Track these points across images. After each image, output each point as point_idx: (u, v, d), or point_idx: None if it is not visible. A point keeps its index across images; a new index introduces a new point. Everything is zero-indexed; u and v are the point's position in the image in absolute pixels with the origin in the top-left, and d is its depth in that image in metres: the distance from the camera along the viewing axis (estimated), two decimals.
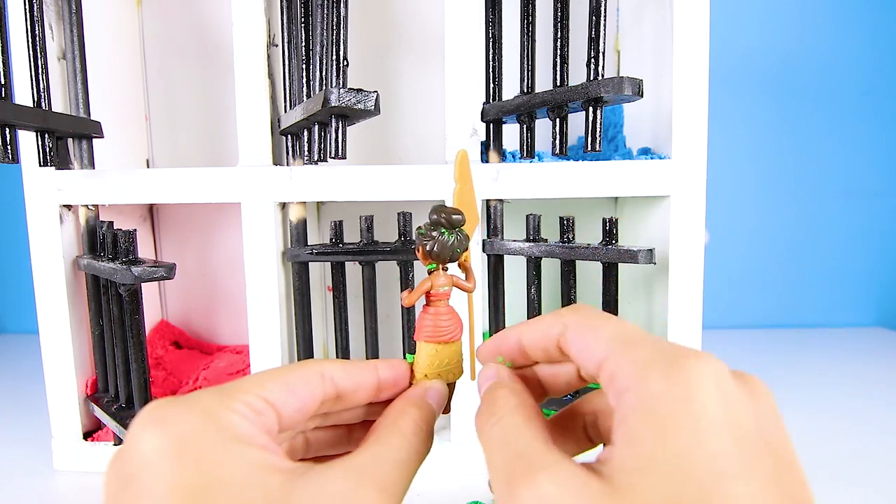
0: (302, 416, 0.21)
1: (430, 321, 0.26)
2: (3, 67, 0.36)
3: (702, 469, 0.15)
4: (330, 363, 0.22)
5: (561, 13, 0.40)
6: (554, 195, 0.44)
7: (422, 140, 0.60)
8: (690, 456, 0.15)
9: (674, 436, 0.15)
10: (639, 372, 0.17)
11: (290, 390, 0.20)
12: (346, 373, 0.22)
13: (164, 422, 0.17)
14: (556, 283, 0.45)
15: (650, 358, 0.17)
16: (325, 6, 0.38)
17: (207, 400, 0.18)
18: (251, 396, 0.19)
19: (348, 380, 0.22)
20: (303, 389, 0.21)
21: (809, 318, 0.93)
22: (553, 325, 0.21)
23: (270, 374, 0.20)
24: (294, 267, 0.47)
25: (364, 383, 0.23)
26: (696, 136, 0.43)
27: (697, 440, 0.15)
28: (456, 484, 0.45)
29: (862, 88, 0.88)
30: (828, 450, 0.50)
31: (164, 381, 0.56)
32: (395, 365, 0.24)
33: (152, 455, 0.16)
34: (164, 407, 0.18)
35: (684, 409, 0.16)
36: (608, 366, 0.18)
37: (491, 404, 0.21)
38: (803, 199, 0.91)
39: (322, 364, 0.22)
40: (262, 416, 0.19)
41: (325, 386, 0.21)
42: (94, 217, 0.48)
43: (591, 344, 0.19)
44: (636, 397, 0.17)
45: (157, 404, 0.18)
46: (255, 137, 0.45)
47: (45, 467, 0.49)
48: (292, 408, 0.20)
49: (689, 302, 0.44)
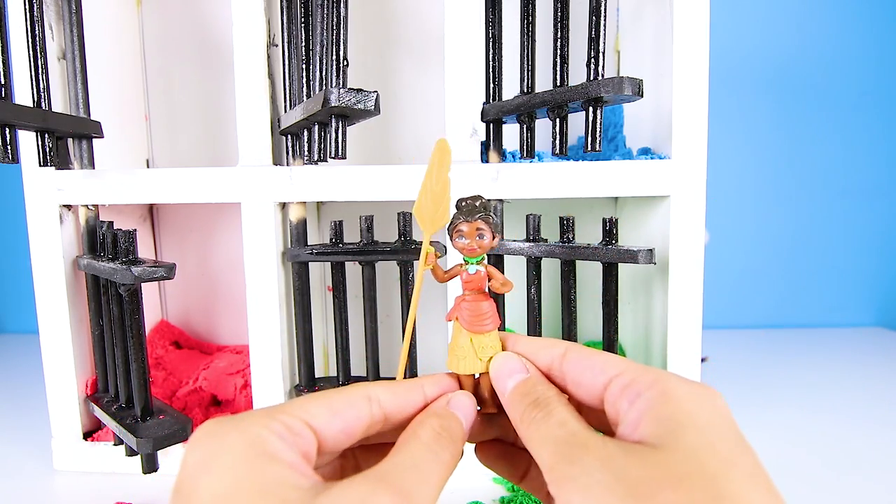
0: (347, 437, 0.21)
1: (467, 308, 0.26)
2: (3, 67, 0.36)
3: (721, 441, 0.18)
4: (376, 385, 0.23)
5: (561, 13, 0.40)
6: (554, 195, 0.44)
7: (422, 140, 0.60)
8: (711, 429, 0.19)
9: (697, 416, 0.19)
10: (661, 377, 0.20)
11: (333, 413, 0.21)
12: (392, 394, 0.23)
13: (209, 437, 0.19)
14: (556, 283, 0.45)
15: (668, 372, 0.21)
16: (325, 6, 0.38)
17: (251, 419, 0.20)
18: (291, 418, 0.20)
19: (395, 401, 0.23)
20: (348, 412, 0.21)
21: (809, 318, 0.93)
22: (555, 345, 0.24)
23: (316, 397, 0.22)
24: (294, 267, 0.47)
25: (411, 403, 0.24)
26: (696, 136, 0.43)
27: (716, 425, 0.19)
28: (456, 484, 0.45)
29: (862, 88, 0.88)
30: (828, 450, 0.50)
31: (164, 381, 0.56)
32: (441, 381, 0.25)
33: (192, 467, 0.18)
34: (213, 424, 0.19)
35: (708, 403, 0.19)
36: (622, 378, 0.21)
37: (545, 397, 0.22)
38: (803, 199, 0.91)
39: (368, 387, 0.23)
40: (299, 436, 0.20)
41: (371, 408, 0.22)
42: (94, 217, 0.48)
43: (599, 364, 0.22)
44: (662, 392, 0.20)
45: (209, 422, 0.20)
46: (255, 137, 0.45)
47: (45, 467, 0.49)
48: (335, 429, 0.21)
49: (689, 302, 0.44)
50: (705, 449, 0.18)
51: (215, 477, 0.18)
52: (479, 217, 0.25)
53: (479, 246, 0.26)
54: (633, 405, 0.20)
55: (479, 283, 0.26)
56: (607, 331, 0.44)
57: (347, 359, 0.47)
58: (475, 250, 0.26)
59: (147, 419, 0.43)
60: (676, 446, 0.18)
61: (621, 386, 0.21)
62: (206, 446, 0.19)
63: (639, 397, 0.20)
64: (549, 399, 0.22)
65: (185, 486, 0.18)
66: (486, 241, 0.26)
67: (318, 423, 0.20)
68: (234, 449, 0.18)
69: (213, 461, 0.18)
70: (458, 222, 0.26)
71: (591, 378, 0.22)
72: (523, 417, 0.22)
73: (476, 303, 0.26)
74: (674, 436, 0.18)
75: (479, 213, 0.25)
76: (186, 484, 0.18)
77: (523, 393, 0.23)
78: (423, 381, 0.25)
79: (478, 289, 0.26)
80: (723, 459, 0.18)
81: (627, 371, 0.21)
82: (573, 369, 0.23)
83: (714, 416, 0.19)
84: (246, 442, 0.19)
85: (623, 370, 0.21)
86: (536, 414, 0.22)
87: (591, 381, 0.22)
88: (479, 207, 0.26)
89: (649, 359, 0.50)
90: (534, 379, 0.24)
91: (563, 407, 0.22)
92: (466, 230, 0.25)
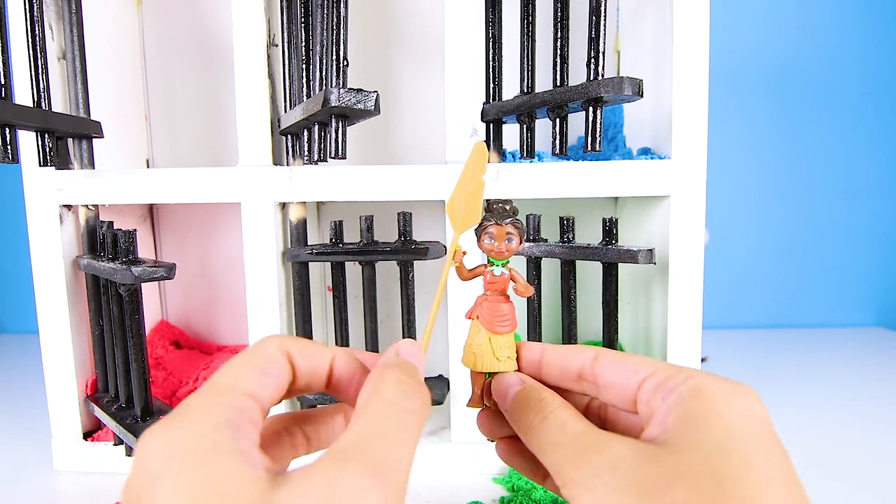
0: (279, 392, 0.21)
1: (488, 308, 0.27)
2: (3, 67, 0.36)
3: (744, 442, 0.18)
4: (284, 339, 0.22)
5: (561, 13, 0.40)
6: (554, 195, 0.44)
7: (422, 140, 0.60)
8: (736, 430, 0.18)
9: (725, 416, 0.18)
10: (694, 374, 0.20)
11: (262, 373, 0.20)
12: (301, 350, 0.22)
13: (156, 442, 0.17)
14: (556, 283, 0.45)
15: (702, 371, 0.21)
16: (325, 6, 0.38)
17: (195, 413, 0.18)
18: (231, 397, 0.19)
19: (304, 358, 0.22)
20: (274, 369, 0.21)
21: (809, 318, 0.93)
22: (585, 350, 0.24)
23: (242, 364, 0.20)
24: (294, 267, 0.47)
25: (319, 366, 0.23)
26: (696, 136, 0.43)
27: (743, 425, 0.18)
28: (456, 484, 0.45)
29: (862, 88, 0.88)
30: (828, 450, 0.50)
31: (164, 381, 0.56)
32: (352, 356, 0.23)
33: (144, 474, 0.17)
34: (158, 428, 0.18)
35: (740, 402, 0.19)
36: (657, 377, 0.21)
37: (539, 401, 0.23)
38: (803, 199, 0.91)
39: (279, 339, 0.22)
40: (245, 412, 0.19)
41: (293, 363, 0.22)
42: (94, 217, 0.48)
43: (631, 365, 0.22)
44: (693, 389, 0.20)
45: (155, 426, 0.18)
46: (255, 137, 0.45)
47: (45, 467, 0.49)
48: (271, 390, 0.20)
49: (689, 302, 0.44)
50: (724, 449, 0.18)
51: (170, 485, 0.16)
52: (509, 221, 0.26)
53: (507, 249, 0.26)
54: (665, 401, 0.20)
55: (503, 286, 0.27)
56: (607, 331, 0.44)
57: None
58: (503, 253, 0.26)
59: (147, 419, 0.43)
60: (696, 445, 0.18)
61: (655, 384, 0.21)
62: (156, 451, 0.17)
63: (672, 393, 0.20)
64: (545, 402, 0.22)
65: (140, 495, 0.16)
66: (515, 245, 0.26)
67: (256, 391, 0.19)
68: (184, 450, 0.17)
69: (165, 467, 0.16)
70: (488, 224, 0.26)
71: (624, 379, 0.22)
72: (523, 425, 0.22)
73: (497, 303, 0.26)
74: (697, 434, 0.18)
75: (510, 218, 0.26)
76: (142, 492, 0.16)
77: (520, 402, 0.23)
78: (334, 349, 0.23)
79: (501, 290, 0.27)
80: (741, 461, 0.17)
81: (661, 370, 0.21)
82: (605, 371, 0.23)
83: (744, 416, 0.19)
84: (195, 440, 0.17)
85: (657, 369, 0.21)
86: (534, 418, 0.22)
87: (624, 382, 0.22)
88: (510, 211, 0.26)
89: None
90: (529, 386, 0.24)
91: (561, 409, 0.22)
92: (496, 233, 0.26)
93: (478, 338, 0.26)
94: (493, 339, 0.26)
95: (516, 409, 0.23)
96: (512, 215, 0.26)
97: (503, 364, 0.26)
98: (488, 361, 0.26)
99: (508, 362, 0.26)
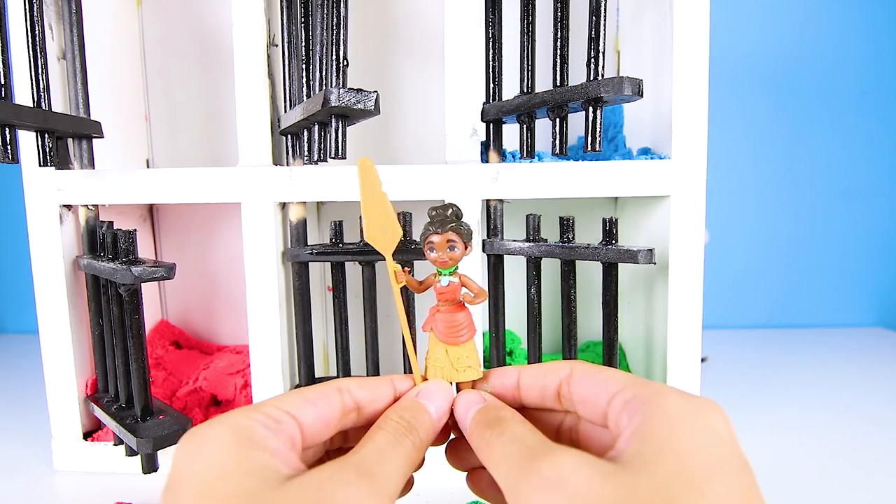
0: (324, 426, 0.23)
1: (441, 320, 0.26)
2: (3, 67, 0.36)
3: (700, 466, 0.18)
4: (346, 378, 0.24)
5: (561, 13, 0.40)
6: (554, 195, 0.44)
7: (422, 140, 0.60)
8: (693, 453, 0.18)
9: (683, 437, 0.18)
10: (659, 391, 0.20)
11: (307, 401, 0.22)
12: (361, 385, 0.24)
13: (197, 433, 0.20)
14: (556, 283, 0.45)
15: (668, 387, 0.21)
16: (325, 6, 0.38)
17: (235, 413, 0.21)
18: (271, 408, 0.21)
19: (364, 392, 0.24)
20: (321, 401, 0.23)
21: (809, 318, 0.93)
22: (559, 367, 0.24)
23: (290, 392, 0.23)
24: (294, 267, 0.47)
25: (380, 395, 0.25)
26: (696, 136, 0.43)
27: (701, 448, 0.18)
28: (456, 484, 0.45)
29: (862, 88, 0.88)
30: (828, 450, 0.50)
31: (164, 381, 0.56)
32: (411, 378, 0.26)
33: (180, 460, 0.19)
34: (201, 426, 0.21)
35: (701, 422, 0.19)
36: (625, 393, 0.21)
37: (497, 418, 0.23)
38: (803, 199, 0.91)
39: (339, 380, 0.24)
40: (281, 423, 0.21)
41: (343, 397, 0.23)
42: (94, 217, 0.48)
43: (602, 381, 0.22)
44: (656, 406, 0.19)
45: (198, 426, 0.21)
46: (255, 137, 0.45)
47: (45, 467, 0.49)
48: (312, 416, 0.22)
49: (689, 302, 0.44)
50: (679, 475, 0.17)
51: (200, 464, 0.19)
52: (450, 228, 0.25)
53: (451, 258, 0.25)
54: (630, 419, 0.20)
55: (453, 295, 0.26)
56: (607, 331, 0.44)
57: (347, 359, 0.47)
58: (447, 262, 0.25)
59: (147, 419, 0.43)
60: (651, 468, 0.17)
61: (623, 400, 0.21)
62: (194, 440, 0.20)
63: (637, 411, 0.20)
64: (503, 418, 0.22)
65: (173, 477, 0.19)
66: (458, 253, 0.25)
67: (295, 411, 0.22)
68: (218, 439, 0.19)
69: (198, 451, 0.19)
70: (428, 234, 0.25)
71: (595, 395, 0.22)
72: (479, 442, 0.22)
73: (451, 314, 0.26)
74: (654, 457, 0.18)
75: (451, 224, 0.25)
76: (175, 475, 0.19)
77: (478, 420, 0.23)
78: (393, 376, 0.26)
79: (452, 300, 0.26)
80: (695, 488, 0.17)
81: (630, 385, 0.21)
82: (579, 389, 0.23)
83: (703, 438, 0.18)
84: (230, 432, 0.20)
85: (626, 385, 0.21)
86: (490, 434, 0.22)
87: (595, 398, 0.22)
88: (451, 217, 0.25)
89: (649, 359, 0.50)
90: (489, 405, 0.24)
91: (517, 424, 0.22)
92: (437, 242, 0.25)
93: (435, 350, 0.26)
94: (450, 350, 0.25)
95: (474, 428, 0.23)
96: (454, 220, 0.25)
97: (463, 374, 0.25)
98: (447, 373, 0.25)
99: (469, 371, 0.25)
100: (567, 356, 0.44)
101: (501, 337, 0.47)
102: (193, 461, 0.19)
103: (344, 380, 0.24)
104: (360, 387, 0.24)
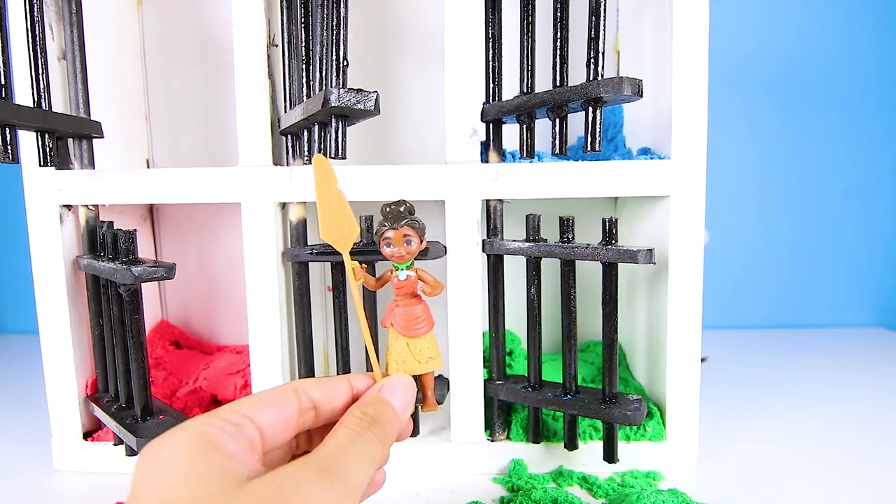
0: (284, 426, 0.23)
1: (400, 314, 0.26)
2: (3, 67, 0.36)
3: None
4: (303, 379, 0.25)
5: (561, 13, 0.40)
6: (554, 195, 0.44)
7: (422, 140, 0.60)
8: None
9: None
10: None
11: (265, 403, 0.23)
12: (318, 385, 0.25)
13: (156, 443, 0.21)
14: (556, 283, 0.45)
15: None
16: (325, 6, 0.38)
17: (193, 422, 0.21)
18: (228, 413, 0.22)
19: (320, 390, 0.25)
20: (278, 401, 0.23)
21: (809, 318, 0.93)
22: None
23: (248, 396, 0.24)
24: (294, 267, 0.47)
25: (338, 394, 0.25)
26: (696, 136, 0.43)
27: None
28: (456, 484, 0.45)
29: (863, 88, 0.88)
30: (828, 450, 0.50)
31: (164, 381, 0.56)
32: (370, 377, 0.26)
33: (140, 470, 0.20)
34: (161, 436, 0.21)
35: None
36: None
37: None
38: (804, 198, 0.91)
39: (295, 381, 0.25)
40: (240, 427, 0.21)
41: (299, 397, 0.24)
42: (94, 217, 0.48)
43: None
44: None
45: (158, 437, 0.21)
46: (255, 137, 0.45)
47: (45, 467, 0.49)
48: (270, 418, 0.23)
49: (689, 302, 0.44)
50: None
51: (160, 472, 0.19)
52: (405, 223, 0.25)
53: (408, 252, 0.26)
54: None
55: (411, 289, 0.26)
56: (607, 331, 0.44)
57: (347, 359, 0.47)
58: (403, 256, 0.26)
59: (147, 419, 0.43)
60: None
61: None
62: (153, 450, 0.20)
63: None
64: None
65: (134, 487, 0.20)
66: (414, 247, 0.26)
67: (253, 415, 0.22)
68: (177, 446, 0.20)
69: (157, 460, 0.20)
70: (383, 230, 0.26)
71: None
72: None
73: (409, 307, 0.26)
74: None
75: (405, 219, 0.25)
76: (136, 485, 0.20)
77: None
78: (350, 375, 0.26)
79: (410, 293, 0.26)
80: None
81: None
82: None
83: None
84: (188, 439, 0.20)
85: None
86: None
87: None
88: (405, 213, 0.26)
89: (649, 359, 0.50)
90: None
91: None
92: (393, 237, 0.25)
93: (396, 345, 0.26)
94: (411, 343, 0.26)
95: None
96: (408, 216, 0.26)
97: (425, 365, 0.26)
98: (409, 366, 0.26)
99: (431, 363, 0.26)
100: (567, 356, 0.44)
101: (501, 337, 0.47)
102: (153, 470, 0.19)
103: (300, 380, 0.25)
104: (317, 386, 0.25)
